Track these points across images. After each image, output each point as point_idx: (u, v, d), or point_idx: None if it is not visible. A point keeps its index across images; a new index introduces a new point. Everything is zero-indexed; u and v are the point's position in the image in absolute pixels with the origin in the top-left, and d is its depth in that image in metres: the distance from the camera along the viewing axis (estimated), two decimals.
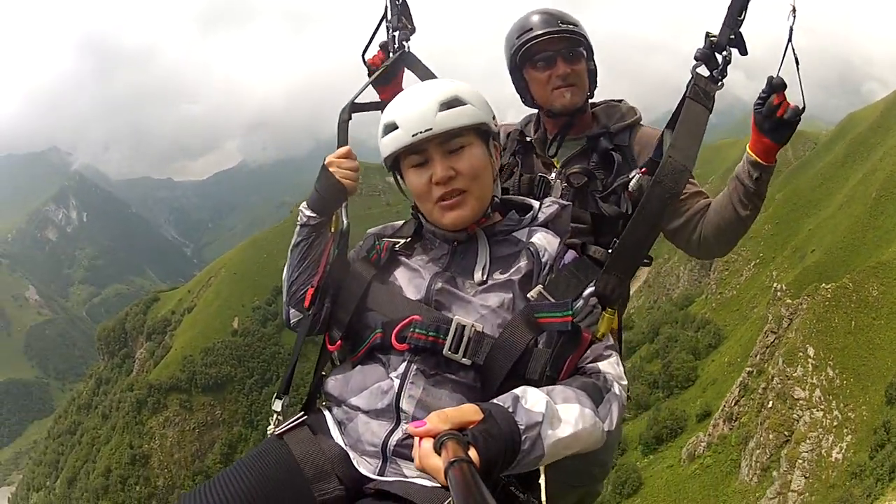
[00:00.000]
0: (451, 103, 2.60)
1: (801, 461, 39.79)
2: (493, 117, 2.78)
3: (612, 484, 49.57)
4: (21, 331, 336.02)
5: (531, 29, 3.78)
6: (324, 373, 2.95)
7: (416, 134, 2.58)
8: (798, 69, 3.07)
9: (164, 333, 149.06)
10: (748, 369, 48.83)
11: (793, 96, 3.15)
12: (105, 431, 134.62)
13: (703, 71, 2.92)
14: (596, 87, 3.99)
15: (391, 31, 3.85)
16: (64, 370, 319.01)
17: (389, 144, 2.69)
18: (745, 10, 2.89)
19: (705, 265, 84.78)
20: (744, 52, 2.92)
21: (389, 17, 3.82)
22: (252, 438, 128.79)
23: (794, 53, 2.98)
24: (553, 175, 3.88)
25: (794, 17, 2.95)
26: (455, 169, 2.63)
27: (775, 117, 3.15)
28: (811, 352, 43.73)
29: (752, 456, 42.99)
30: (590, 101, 4.04)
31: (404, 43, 3.86)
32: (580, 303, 2.47)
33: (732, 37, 2.88)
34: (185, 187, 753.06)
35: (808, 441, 40.45)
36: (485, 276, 2.67)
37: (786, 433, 41.79)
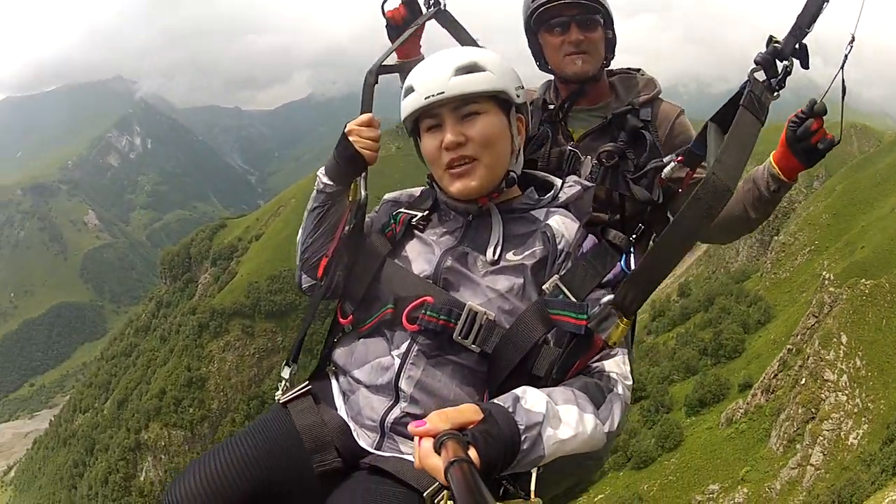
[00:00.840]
0: (469, 69, 2.62)
1: (822, 438, 41.69)
2: (519, 88, 2.78)
3: (656, 437, 53.49)
4: (78, 255, 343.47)
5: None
6: (335, 341, 2.99)
7: (429, 97, 2.61)
8: (843, 99, 2.90)
9: (229, 259, 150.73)
10: (789, 347, 50.53)
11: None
12: (163, 354, 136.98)
13: (761, 76, 2.73)
14: (613, 56, 3.94)
15: None
16: (120, 293, 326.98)
17: (406, 107, 2.72)
18: (815, 21, 2.74)
19: (764, 243, 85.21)
20: (805, 65, 2.77)
21: None
22: (311, 367, 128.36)
23: (843, 83, 2.85)
24: (569, 147, 3.78)
25: (852, 47, 2.84)
26: (466, 135, 2.64)
27: (809, 142, 3.10)
28: (844, 339, 45.64)
29: (781, 427, 44.99)
30: (606, 69, 3.99)
31: (440, 0, 3.78)
32: (597, 308, 2.48)
33: (797, 47, 2.72)
34: (253, 116, 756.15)
35: (830, 420, 42.48)
36: (496, 255, 2.68)
37: (813, 410, 43.60)
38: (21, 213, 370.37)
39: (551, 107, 3.96)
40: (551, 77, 4.11)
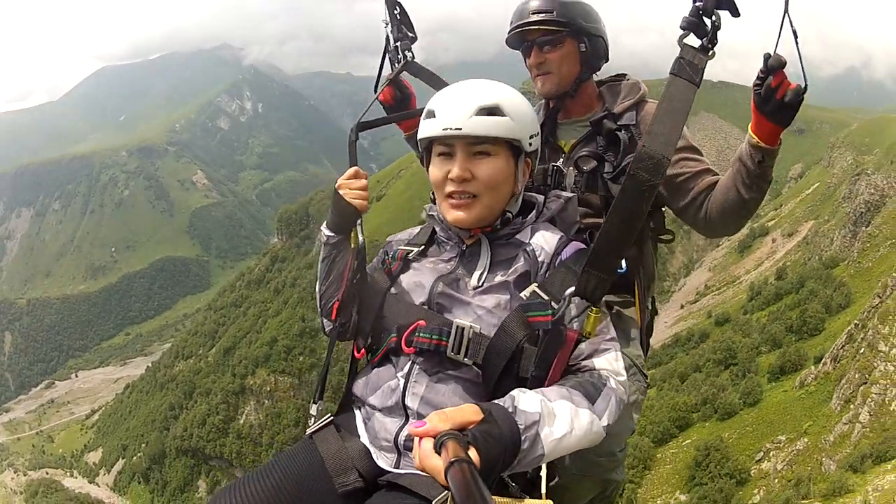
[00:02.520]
0: (491, 111, 2.74)
1: (870, 400, 46.52)
2: (534, 136, 2.92)
3: (740, 394, 59.72)
4: (185, 213, 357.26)
5: (513, 20, 4.07)
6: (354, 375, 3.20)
7: (447, 129, 2.74)
8: (797, 43, 2.97)
9: None
10: (856, 322, 54.66)
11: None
12: (275, 305, 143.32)
13: (693, 41, 2.73)
14: (596, 66, 4.13)
15: (392, 41, 4.03)
16: (227, 249, 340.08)
17: (423, 130, 2.88)
18: None
19: (856, 234, 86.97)
20: (735, 13, 2.75)
21: (390, 28, 4.02)
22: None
23: (792, 26, 2.86)
24: (561, 161, 3.95)
25: None
26: (473, 172, 2.78)
27: (775, 99, 3.18)
28: None
29: (841, 389, 50.16)
30: (597, 79, 4.27)
31: (406, 53, 4.03)
32: (562, 302, 2.59)
33: None
34: (365, 82, 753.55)
35: (879, 384, 47.11)
36: (480, 282, 2.85)
37: (866, 375, 48.32)
38: (126, 173, 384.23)
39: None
40: None
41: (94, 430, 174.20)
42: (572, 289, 2.57)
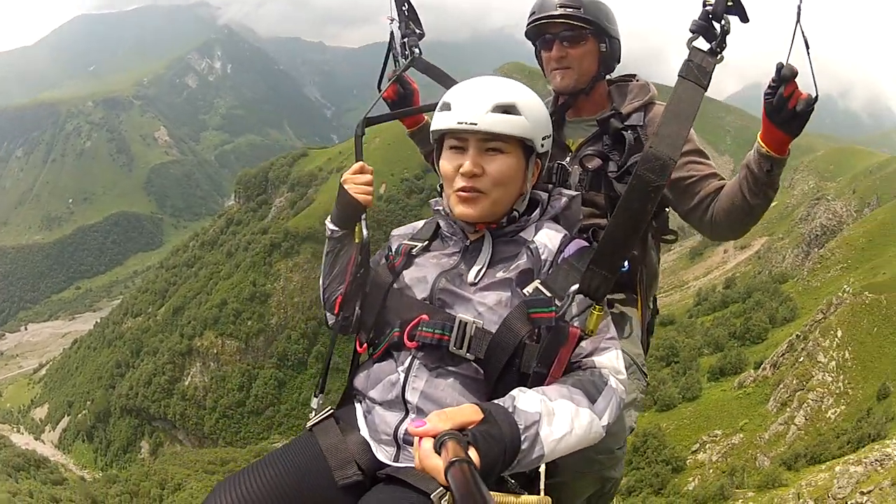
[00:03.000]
0: (507, 109, 2.74)
1: (806, 405, 50.90)
2: (546, 137, 2.93)
3: (680, 388, 63.18)
4: (144, 168, 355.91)
5: (534, 12, 3.99)
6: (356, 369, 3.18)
7: (462, 123, 2.73)
8: (809, 53, 2.96)
9: (307, 187, 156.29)
10: (798, 334, 58.89)
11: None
12: (227, 268, 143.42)
13: (701, 44, 2.76)
14: (611, 68, 4.12)
15: (401, 38, 4.08)
16: (181, 209, 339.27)
17: (438, 122, 2.87)
18: None
19: (809, 254, 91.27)
20: (744, 19, 2.76)
21: (398, 23, 4.05)
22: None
23: (804, 35, 2.85)
24: (567, 160, 3.93)
25: None
26: (484, 168, 2.78)
27: (787, 108, 3.14)
28: (839, 333, 54.27)
29: (778, 392, 54.11)
30: (607, 78, 4.20)
31: (414, 49, 4.07)
32: (566, 299, 2.59)
33: (730, 3, 2.73)
34: (336, 53, 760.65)
35: (815, 392, 51.48)
36: (477, 279, 2.84)
37: (804, 382, 52.82)
38: (90, 123, 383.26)
39: None
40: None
41: (41, 385, 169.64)
42: (576, 286, 2.57)
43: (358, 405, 3.02)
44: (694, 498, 45.73)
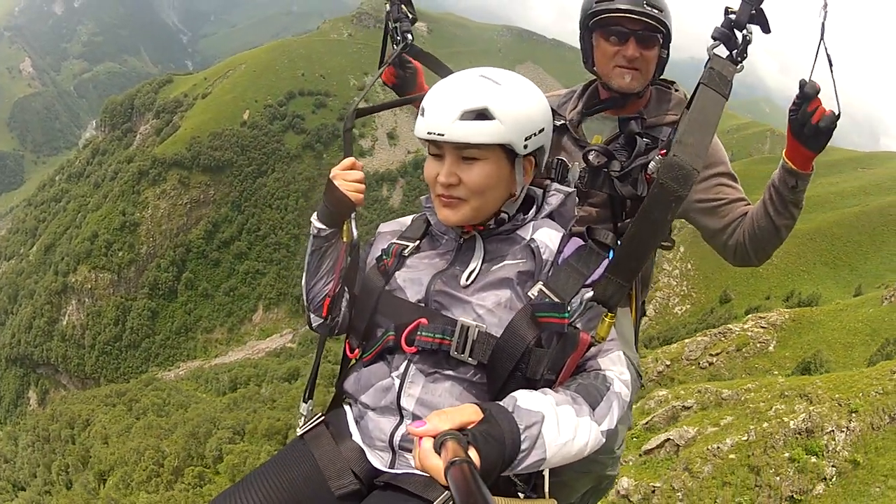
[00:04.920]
0: (477, 113, 2.52)
1: (654, 301, 59.83)
2: (533, 135, 2.67)
3: None
4: (7, 103, 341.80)
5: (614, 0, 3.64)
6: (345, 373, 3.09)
7: (431, 133, 2.57)
8: (832, 71, 2.95)
9: (173, 113, 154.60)
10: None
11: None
12: (95, 199, 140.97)
13: (722, 51, 2.72)
14: (661, 73, 3.87)
15: (392, 22, 3.81)
16: (41, 143, 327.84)
17: (416, 129, 2.69)
18: None
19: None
20: (766, 29, 2.75)
21: (389, 8, 3.81)
22: (236, 221, 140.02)
23: (828, 53, 2.83)
24: (556, 157, 3.62)
25: (826, 13, 2.82)
26: (460, 177, 2.62)
27: (811, 125, 3.10)
28: (682, 249, 64.59)
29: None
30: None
31: (406, 35, 3.79)
32: (578, 305, 2.48)
33: (753, 12, 2.70)
34: None
35: (662, 292, 62.12)
36: (469, 281, 2.69)
37: (652, 285, 62.24)
38: None
39: (558, 123, 3.88)
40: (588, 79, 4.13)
41: None
42: (590, 293, 2.45)
43: (348, 409, 2.90)
44: None
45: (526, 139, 2.61)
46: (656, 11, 3.54)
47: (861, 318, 53.71)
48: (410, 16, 3.82)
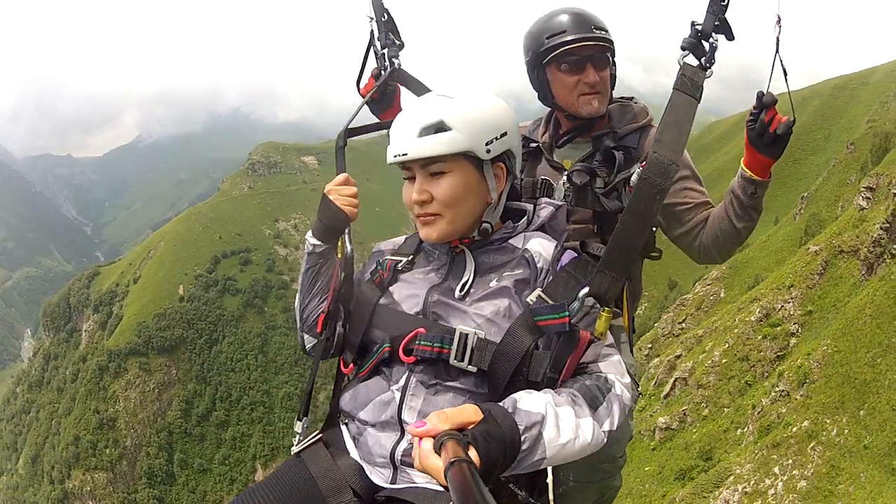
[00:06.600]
0: (435, 127, 2.53)
1: None
2: (494, 140, 2.63)
3: None
4: None
5: (564, 31, 3.54)
6: (341, 390, 2.96)
7: (396, 156, 2.58)
8: (787, 81, 3.04)
9: (111, 304, 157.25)
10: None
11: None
12: (63, 403, 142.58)
13: (691, 60, 2.80)
14: (614, 86, 3.78)
15: (380, 48, 3.79)
16: None
17: (387, 157, 2.68)
18: None
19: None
20: (730, 37, 2.82)
21: (377, 35, 3.77)
22: (206, 393, 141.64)
23: (783, 66, 2.96)
24: (541, 177, 3.69)
25: (780, 27, 2.92)
26: (431, 193, 2.61)
27: (768, 133, 3.15)
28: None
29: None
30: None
31: (394, 60, 3.77)
32: (576, 303, 2.45)
33: (717, 23, 2.80)
34: (84, 164, 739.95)
35: None
36: (464, 292, 2.66)
37: None
38: None
39: (533, 145, 3.95)
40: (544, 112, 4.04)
41: None
42: (586, 289, 2.48)
43: (344, 427, 2.83)
44: None
45: (487, 144, 2.59)
46: (604, 32, 3.56)
47: (782, 236, 71.88)
48: (398, 42, 3.83)
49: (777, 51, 2.91)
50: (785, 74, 3.01)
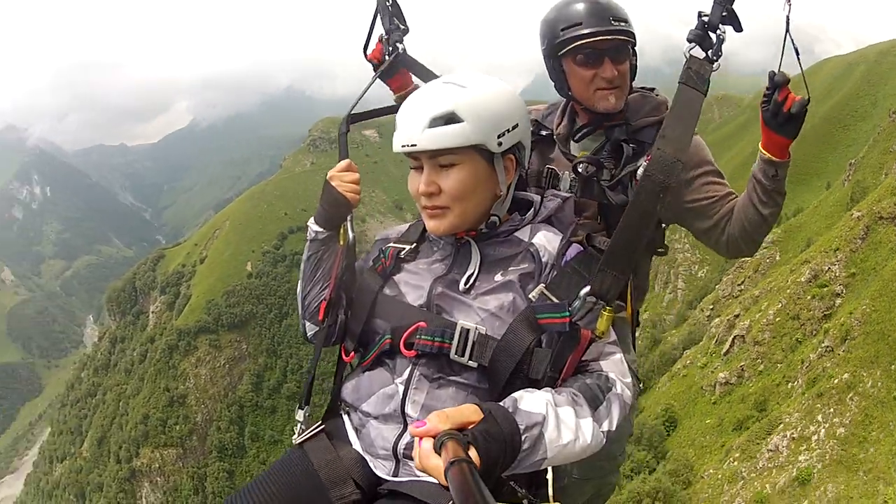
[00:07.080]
0: (445, 118, 2.47)
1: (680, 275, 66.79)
2: (506, 132, 2.59)
3: None
4: (2, 313, 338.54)
5: (580, 23, 3.35)
6: (342, 379, 2.97)
7: (404, 146, 2.54)
8: (799, 59, 2.96)
9: (178, 285, 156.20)
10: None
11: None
12: (132, 384, 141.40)
13: (698, 53, 2.77)
14: (634, 78, 3.64)
15: (384, 33, 3.82)
16: (47, 347, 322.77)
17: (394, 145, 2.62)
18: None
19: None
20: (738, 28, 2.81)
21: (381, 17, 3.79)
22: (277, 366, 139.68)
23: (794, 45, 2.91)
24: (547, 167, 3.69)
25: (790, 6, 2.85)
26: (439, 185, 2.58)
27: (783, 113, 3.08)
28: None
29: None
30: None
31: (398, 45, 3.81)
32: (577, 302, 2.44)
33: (725, 14, 2.77)
34: (138, 152, 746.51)
35: (682, 266, 71.48)
36: (470, 284, 2.64)
37: (672, 261, 71.24)
38: None
39: (545, 133, 3.86)
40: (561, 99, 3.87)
41: None
42: (587, 288, 2.46)
43: (346, 417, 2.84)
44: None
45: (499, 137, 2.56)
46: (623, 24, 3.38)
47: (832, 202, 73.90)
48: (403, 27, 3.82)
49: (787, 30, 2.87)
50: (797, 53, 2.97)
